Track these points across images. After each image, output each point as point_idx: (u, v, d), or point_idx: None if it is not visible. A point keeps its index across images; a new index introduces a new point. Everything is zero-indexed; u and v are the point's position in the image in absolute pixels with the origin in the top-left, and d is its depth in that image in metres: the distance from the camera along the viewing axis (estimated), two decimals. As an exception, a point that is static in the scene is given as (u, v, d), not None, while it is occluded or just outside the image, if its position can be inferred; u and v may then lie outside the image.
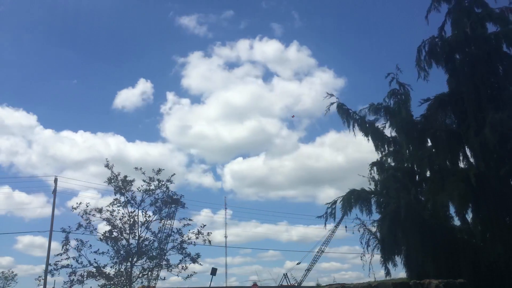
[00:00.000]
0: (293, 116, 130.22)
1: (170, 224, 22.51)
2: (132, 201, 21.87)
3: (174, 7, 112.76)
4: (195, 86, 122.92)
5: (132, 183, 22.11)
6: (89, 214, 21.16)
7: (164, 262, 21.70)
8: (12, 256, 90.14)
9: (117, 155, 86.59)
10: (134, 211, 21.94)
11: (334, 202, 16.37)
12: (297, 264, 65.42)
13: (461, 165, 15.59)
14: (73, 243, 21.03)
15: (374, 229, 16.81)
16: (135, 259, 21.43)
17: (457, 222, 15.62)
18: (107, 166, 21.98)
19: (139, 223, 21.97)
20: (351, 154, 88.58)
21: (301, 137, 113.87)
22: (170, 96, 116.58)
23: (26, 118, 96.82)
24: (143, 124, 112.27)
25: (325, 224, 16.43)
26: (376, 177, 16.92)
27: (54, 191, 42.44)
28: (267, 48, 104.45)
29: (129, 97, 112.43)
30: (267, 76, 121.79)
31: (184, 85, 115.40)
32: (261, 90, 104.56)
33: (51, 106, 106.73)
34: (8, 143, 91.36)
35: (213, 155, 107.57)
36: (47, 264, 33.62)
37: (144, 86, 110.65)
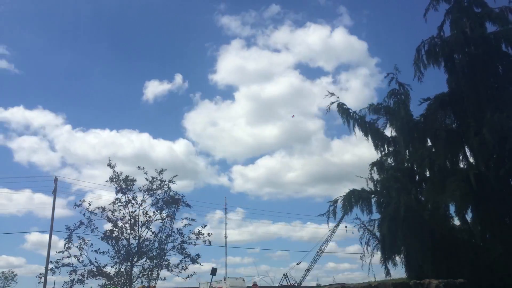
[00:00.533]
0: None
1: (171, 224, 22.53)
2: (133, 201, 21.88)
3: (219, 7, 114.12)
4: (227, 82, 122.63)
5: (134, 182, 22.13)
6: (91, 213, 21.19)
7: (165, 263, 21.72)
8: (23, 257, 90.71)
9: (141, 153, 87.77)
10: (135, 211, 21.97)
11: (335, 201, 16.37)
12: (297, 264, 65.48)
13: (461, 165, 15.61)
14: (75, 241, 21.07)
15: (374, 229, 16.83)
16: (135, 259, 21.45)
17: (457, 222, 15.64)
18: (109, 165, 21.98)
19: (140, 223, 22.00)
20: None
21: (331, 134, 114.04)
22: (202, 92, 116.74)
23: (54, 118, 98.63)
24: (170, 121, 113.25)
25: (328, 222, 16.45)
26: (376, 177, 16.95)
27: (54, 191, 42.42)
28: (309, 41, 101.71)
29: (160, 93, 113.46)
30: (306, 70, 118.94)
31: (217, 81, 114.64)
32: (299, 85, 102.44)
33: (81, 105, 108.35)
34: (34, 143, 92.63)
35: (239, 153, 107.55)
36: (47, 263, 33.67)
37: (177, 82, 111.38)
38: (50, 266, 24.72)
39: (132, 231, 21.58)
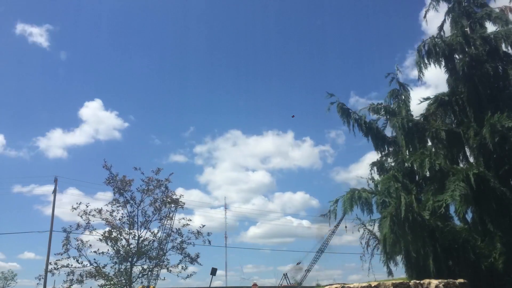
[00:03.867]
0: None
1: (170, 224, 22.58)
2: (131, 201, 21.94)
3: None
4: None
5: (131, 183, 22.20)
6: (89, 215, 21.24)
7: (163, 263, 21.76)
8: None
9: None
10: (134, 211, 22.03)
11: (336, 201, 16.33)
12: (297, 264, 65.50)
13: (461, 165, 15.62)
14: (73, 242, 21.12)
15: (374, 229, 16.82)
16: (135, 259, 21.46)
17: (457, 222, 15.63)
18: (104, 166, 22.03)
19: (139, 223, 22.05)
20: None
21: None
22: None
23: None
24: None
25: (329, 222, 16.37)
26: (376, 177, 16.95)
27: (54, 191, 42.55)
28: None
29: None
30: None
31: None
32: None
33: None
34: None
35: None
36: (47, 263, 33.66)
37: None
38: (49, 267, 24.68)
39: (131, 231, 21.64)
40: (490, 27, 16.42)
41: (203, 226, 22.60)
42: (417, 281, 9.16)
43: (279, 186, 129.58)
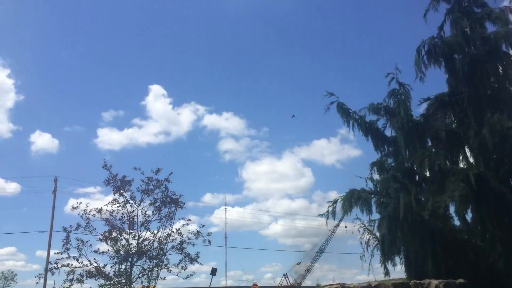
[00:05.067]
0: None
1: (170, 224, 22.57)
2: (131, 201, 21.93)
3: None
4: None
5: (131, 183, 22.17)
6: (89, 214, 21.23)
7: (163, 263, 21.75)
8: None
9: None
10: (134, 211, 22.02)
11: (335, 202, 16.32)
12: (297, 264, 65.48)
13: (461, 165, 15.61)
14: (74, 242, 21.11)
15: (374, 229, 16.81)
16: (135, 259, 21.46)
17: (457, 222, 15.62)
18: (104, 166, 21.98)
19: (139, 223, 22.06)
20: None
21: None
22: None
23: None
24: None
25: (326, 223, 16.35)
26: (376, 177, 16.95)
27: (54, 191, 42.59)
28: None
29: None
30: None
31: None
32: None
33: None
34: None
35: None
36: (47, 263, 33.66)
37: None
38: (49, 266, 24.70)
39: (131, 231, 21.64)
40: (490, 27, 16.42)
41: (203, 226, 22.54)
42: (417, 281, 9.13)
43: (319, 185, 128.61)
